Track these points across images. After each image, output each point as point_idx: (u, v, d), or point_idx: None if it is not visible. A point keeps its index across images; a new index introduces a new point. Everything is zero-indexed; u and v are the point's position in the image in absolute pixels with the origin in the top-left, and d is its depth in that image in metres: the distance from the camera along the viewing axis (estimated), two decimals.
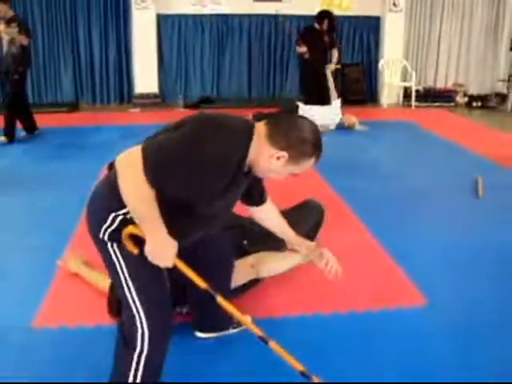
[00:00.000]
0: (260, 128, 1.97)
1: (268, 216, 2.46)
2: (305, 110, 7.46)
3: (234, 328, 2.70)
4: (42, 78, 9.30)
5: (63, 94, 9.45)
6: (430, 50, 10.18)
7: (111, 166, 1.97)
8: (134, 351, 2.01)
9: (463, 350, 2.59)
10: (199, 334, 2.70)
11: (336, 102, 7.84)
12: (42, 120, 7.39)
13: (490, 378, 2.37)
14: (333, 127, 7.62)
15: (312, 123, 2.02)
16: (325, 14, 7.94)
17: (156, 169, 1.81)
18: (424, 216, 4.33)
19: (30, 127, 7.00)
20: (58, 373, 2.40)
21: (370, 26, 9.89)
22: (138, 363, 2.02)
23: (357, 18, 9.77)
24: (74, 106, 9.22)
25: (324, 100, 7.86)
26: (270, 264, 2.96)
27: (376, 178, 5.34)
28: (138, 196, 1.84)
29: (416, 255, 3.56)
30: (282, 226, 2.48)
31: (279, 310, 2.94)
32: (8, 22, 6.35)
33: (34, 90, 9.29)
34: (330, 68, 8.06)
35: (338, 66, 8.56)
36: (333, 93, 7.96)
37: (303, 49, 7.92)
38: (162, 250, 1.92)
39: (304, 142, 1.95)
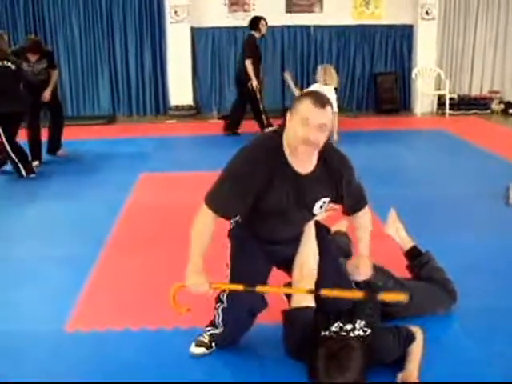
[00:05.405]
0: None
1: (356, 225, 2.70)
2: None
3: None
4: (81, 92, 9.57)
5: (101, 107, 9.69)
6: (465, 57, 10.06)
7: None
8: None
9: (483, 356, 2.60)
10: None
11: None
12: (80, 133, 7.61)
13: None
14: None
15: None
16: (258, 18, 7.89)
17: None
18: (451, 222, 4.32)
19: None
20: (90, 374, 2.51)
21: (403, 35, 9.84)
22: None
23: (389, 26, 9.74)
24: (111, 119, 9.45)
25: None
26: None
27: (406, 185, 5.35)
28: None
29: (441, 262, 3.56)
30: (360, 239, 2.67)
31: None
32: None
33: (73, 103, 9.56)
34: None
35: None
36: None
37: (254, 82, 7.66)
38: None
39: (297, 98, 2.36)
